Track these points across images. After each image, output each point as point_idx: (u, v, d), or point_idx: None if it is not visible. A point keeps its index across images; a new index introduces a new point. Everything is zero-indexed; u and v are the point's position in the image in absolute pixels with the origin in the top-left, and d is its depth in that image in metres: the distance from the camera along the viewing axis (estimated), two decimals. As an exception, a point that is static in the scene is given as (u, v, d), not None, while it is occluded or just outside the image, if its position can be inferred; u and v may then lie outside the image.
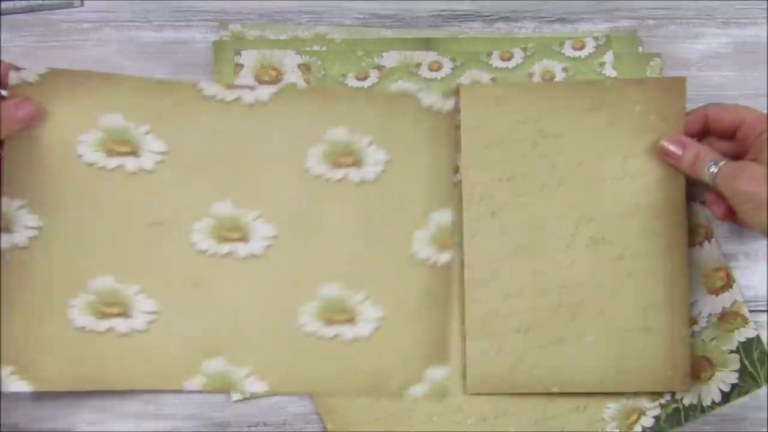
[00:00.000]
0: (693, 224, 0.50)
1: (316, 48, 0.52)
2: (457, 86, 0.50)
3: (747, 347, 0.49)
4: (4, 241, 0.46)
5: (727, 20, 0.54)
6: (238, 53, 0.51)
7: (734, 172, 0.44)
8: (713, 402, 0.49)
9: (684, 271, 0.49)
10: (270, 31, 0.52)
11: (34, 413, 0.48)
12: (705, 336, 0.49)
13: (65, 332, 0.47)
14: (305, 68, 0.51)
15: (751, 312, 0.50)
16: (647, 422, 0.49)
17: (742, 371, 0.49)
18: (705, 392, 0.49)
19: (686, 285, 0.49)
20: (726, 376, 0.49)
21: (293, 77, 0.51)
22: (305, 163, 0.48)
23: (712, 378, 0.49)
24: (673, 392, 0.49)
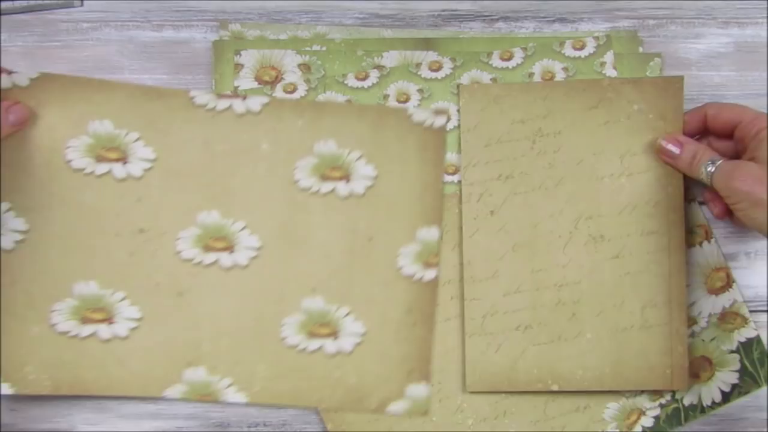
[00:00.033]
0: (693, 224, 0.50)
1: (316, 48, 0.52)
2: (457, 86, 0.51)
3: (747, 347, 0.49)
4: None
5: (728, 20, 0.54)
6: (238, 53, 0.51)
7: (730, 171, 0.44)
8: (713, 402, 0.49)
9: (682, 269, 0.49)
10: (270, 31, 0.52)
11: (34, 413, 0.48)
12: (705, 336, 0.49)
13: (47, 336, 0.47)
14: (305, 68, 0.51)
15: (751, 312, 0.50)
16: (647, 422, 0.49)
17: (742, 371, 0.49)
18: (705, 392, 0.49)
19: (684, 283, 0.49)
20: (726, 376, 0.49)
21: (293, 77, 0.51)
22: (293, 176, 0.49)
23: (712, 378, 0.49)
24: (672, 391, 0.49)
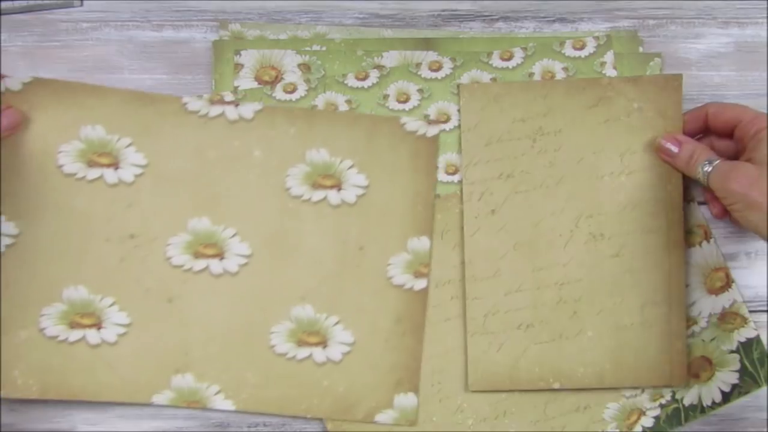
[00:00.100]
0: (692, 224, 0.50)
1: (316, 48, 0.52)
2: (457, 85, 0.51)
3: (747, 347, 0.49)
4: None
5: (728, 20, 0.54)
6: (238, 53, 0.51)
7: (726, 172, 0.44)
8: (713, 402, 0.49)
9: (681, 267, 0.49)
10: (270, 31, 0.52)
11: (34, 413, 0.48)
12: (705, 336, 0.49)
13: (36, 341, 0.47)
14: (305, 68, 0.51)
15: (751, 312, 0.50)
16: (647, 422, 0.49)
17: (742, 371, 0.49)
18: (705, 392, 0.49)
19: (683, 280, 0.49)
20: (726, 376, 0.49)
21: (293, 77, 0.51)
22: (285, 183, 0.49)
23: (712, 378, 0.49)
24: (672, 391, 0.49)
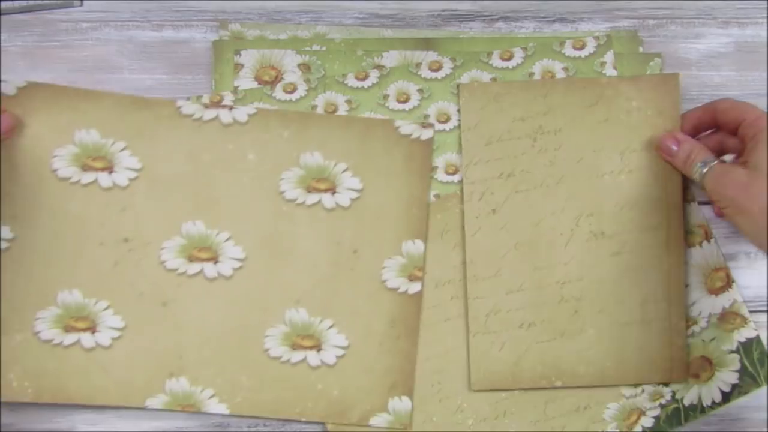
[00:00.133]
0: (692, 225, 0.50)
1: (316, 48, 0.52)
2: (457, 85, 0.51)
3: (747, 347, 0.49)
4: None
5: (728, 20, 0.54)
6: (238, 53, 0.51)
7: (718, 175, 0.44)
8: (713, 402, 0.49)
9: (680, 265, 0.49)
10: (270, 31, 0.52)
11: (34, 413, 0.48)
12: (705, 336, 0.49)
13: (31, 344, 0.47)
14: (305, 68, 0.51)
15: (751, 312, 0.50)
16: (647, 422, 0.49)
17: (742, 371, 0.49)
18: (705, 392, 0.49)
19: (682, 278, 0.49)
20: (726, 376, 0.49)
21: (293, 77, 0.51)
22: (279, 187, 0.49)
23: (712, 378, 0.49)
24: (672, 391, 0.49)
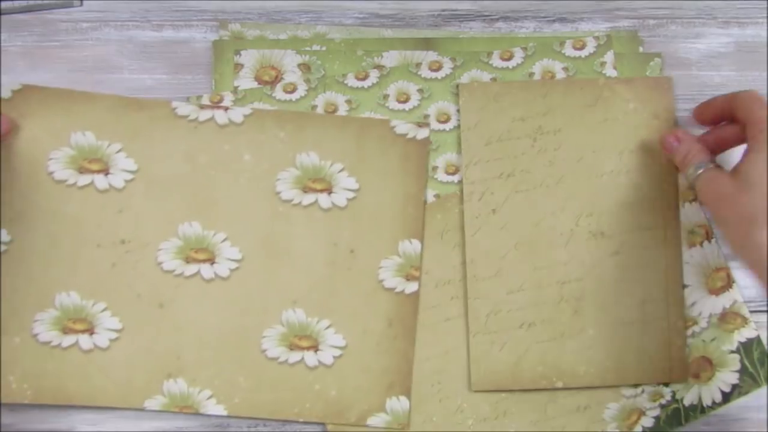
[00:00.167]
0: (693, 224, 0.50)
1: (316, 48, 0.52)
2: (457, 85, 0.51)
3: (747, 347, 0.49)
4: None
5: (728, 20, 0.54)
6: (238, 53, 0.51)
7: (706, 181, 0.44)
8: (713, 402, 0.49)
9: (678, 264, 0.49)
10: (270, 31, 0.52)
11: (34, 414, 0.48)
12: (705, 336, 0.49)
13: (30, 346, 0.47)
14: (305, 68, 0.51)
15: (751, 312, 0.50)
16: (647, 422, 0.49)
17: (743, 371, 0.49)
18: (705, 392, 0.49)
19: (680, 277, 0.49)
20: (726, 377, 0.49)
21: (293, 77, 0.51)
22: (275, 187, 0.49)
23: (713, 378, 0.49)
24: (672, 391, 0.49)
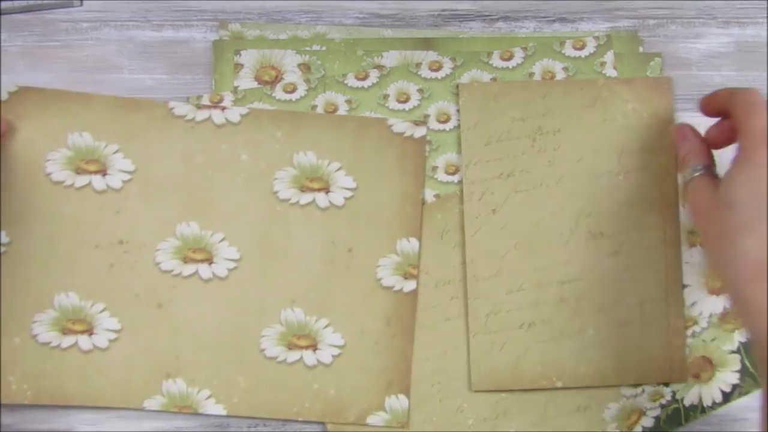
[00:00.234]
0: (693, 224, 0.50)
1: (316, 48, 0.52)
2: (457, 85, 0.51)
3: (748, 347, 0.49)
4: None
5: (728, 20, 0.54)
6: (238, 53, 0.51)
7: (693, 189, 0.43)
8: (714, 402, 0.49)
9: (678, 264, 0.49)
10: (270, 31, 0.52)
11: (33, 414, 0.48)
12: (706, 336, 0.49)
13: (29, 347, 0.47)
14: (305, 68, 0.51)
15: (752, 312, 0.50)
16: (647, 422, 0.49)
17: (743, 371, 0.49)
18: (705, 392, 0.49)
19: (680, 277, 0.49)
20: (727, 377, 0.49)
21: (293, 77, 0.51)
22: (273, 187, 0.49)
23: (713, 378, 0.49)
24: (673, 391, 0.49)
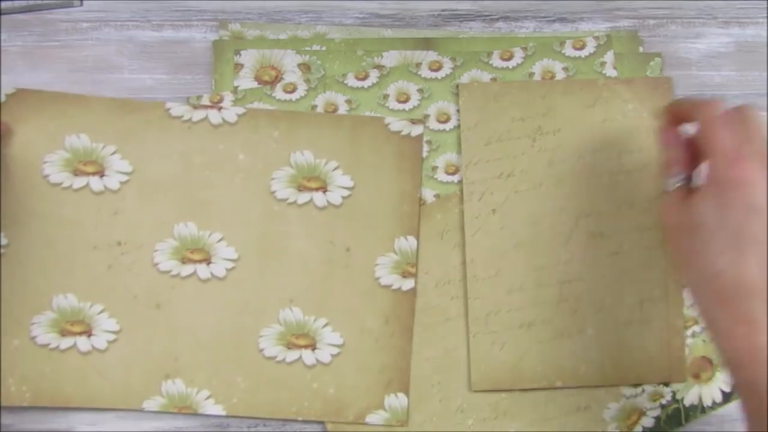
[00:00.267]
0: (693, 224, 0.50)
1: (316, 48, 0.52)
2: (457, 85, 0.51)
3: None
4: None
5: (728, 20, 0.54)
6: (238, 53, 0.51)
7: (667, 203, 0.41)
8: (714, 402, 0.49)
9: None
10: (270, 31, 0.52)
11: (33, 414, 0.48)
12: (706, 336, 0.49)
13: (28, 349, 0.47)
14: (305, 68, 0.51)
15: (752, 312, 0.50)
16: (648, 422, 0.49)
17: (743, 371, 0.49)
18: (706, 392, 0.49)
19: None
20: (727, 377, 0.49)
21: (293, 77, 0.51)
22: (270, 186, 0.49)
23: (713, 378, 0.49)
24: (673, 391, 0.49)
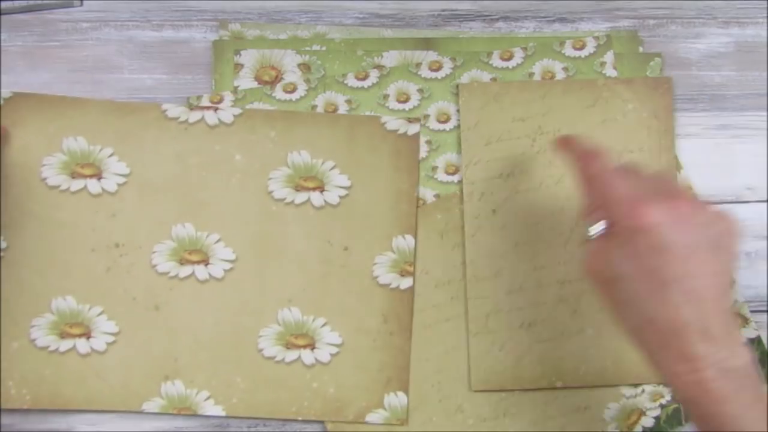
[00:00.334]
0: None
1: (316, 48, 0.52)
2: (457, 85, 0.51)
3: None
4: None
5: (728, 20, 0.54)
6: (238, 53, 0.51)
7: (588, 251, 0.38)
8: (713, 402, 0.49)
9: None
10: (270, 31, 0.52)
11: (33, 414, 0.48)
12: (705, 336, 0.49)
13: (28, 351, 0.47)
14: (305, 68, 0.51)
15: (752, 312, 0.50)
16: (647, 422, 0.49)
17: (743, 371, 0.49)
18: (705, 392, 0.49)
19: None
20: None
21: (293, 77, 0.51)
22: (267, 187, 0.49)
23: (713, 378, 0.49)
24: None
